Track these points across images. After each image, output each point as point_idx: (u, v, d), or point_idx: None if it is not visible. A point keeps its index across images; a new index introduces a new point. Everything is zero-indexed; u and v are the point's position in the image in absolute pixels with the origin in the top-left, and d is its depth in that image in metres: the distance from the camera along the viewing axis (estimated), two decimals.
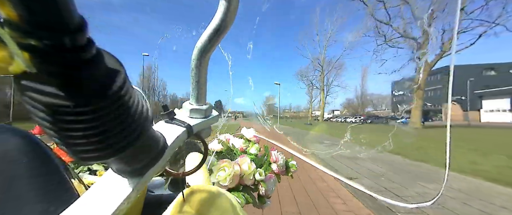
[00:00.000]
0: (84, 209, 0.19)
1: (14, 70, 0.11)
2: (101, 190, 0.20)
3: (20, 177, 0.26)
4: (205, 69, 0.27)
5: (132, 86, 0.16)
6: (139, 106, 0.16)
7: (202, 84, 0.27)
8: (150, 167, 0.20)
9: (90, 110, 0.13)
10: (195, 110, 0.27)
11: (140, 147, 0.18)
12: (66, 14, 0.11)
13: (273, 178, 0.64)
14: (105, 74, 0.14)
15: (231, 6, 0.22)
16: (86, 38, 0.12)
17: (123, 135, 0.15)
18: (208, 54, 0.25)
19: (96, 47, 0.13)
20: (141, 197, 0.42)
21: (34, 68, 0.11)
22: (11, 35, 0.10)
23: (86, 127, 0.13)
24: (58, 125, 0.13)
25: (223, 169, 0.56)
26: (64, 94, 0.12)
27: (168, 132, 0.23)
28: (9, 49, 0.11)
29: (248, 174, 0.59)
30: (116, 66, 0.15)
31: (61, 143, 0.14)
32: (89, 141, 0.14)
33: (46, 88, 0.12)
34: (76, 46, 0.12)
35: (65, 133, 0.13)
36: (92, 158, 0.15)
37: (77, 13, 0.11)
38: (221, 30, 0.23)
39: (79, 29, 0.11)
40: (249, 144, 0.70)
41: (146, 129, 0.17)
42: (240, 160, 0.61)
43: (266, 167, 0.65)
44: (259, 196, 0.63)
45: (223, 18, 0.23)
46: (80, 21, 0.12)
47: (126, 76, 0.15)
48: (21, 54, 0.11)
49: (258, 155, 0.67)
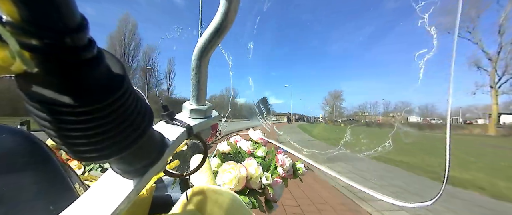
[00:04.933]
0: (84, 209, 0.19)
1: (15, 70, 0.12)
2: (101, 189, 0.20)
3: (20, 176, 0.26)
4: (206, 69, 0.27)
5: (133, 87, 0.16)
6: (139, 107, 0.16)
7: (202, 84, 0.27)
8: (150, 167, 0.20)
9: (90, 110, 0.13)
10: (195, 110, 0.27)
11: (140, 147, 0.18)
12: (67, 14, 0.11)
13: (280, 183, 0.63)
14: (106, 74, 0.14)
15: (231, 6, 0.22)
16: (87, 38, 0.12)
17: (123, 135, 0.15)
18: (208, 55, 0.25)
19: (97, 47, 0.13)
20: (148, 197, 0.42)
21: (35, 68, 0.11)
22: (13, 35, 0.10)
23: (86, 127, 0.13)
24: (58, 125, 0.13)
25: (229, 172, 0.56)
26: (65, 94, 0.12)
27: (168, 132, 0.23)
28: (10, 48, 0.11)
29: (255, 178, 0.58)
30: (117, 66, 0.15)
31: (61, 143, 0.14)
32: (89, 141, 0.14)
33: (46, 88, 0.12)
34: (77, 46, 0.12)
35: (65, 133, 0.13)
36: (92, 158, 0.15)
37: (78, 12, 0.12)
38: (222, 30, 0.23)
39: (80, 28, 0.12)
40: (257, 146, 0.70)
41: (146, 129, 0.17)
42: (247, 162, 0.60)
43: (273, 170, 0.63)
44: (266, 200, 0.62)
45: (224, 18, 0.23)
46: (81, 21, 0.12)
47: (127, 77, 0.15)
48: (22, 54, 0.11)
49: (266, 158, 0.66)
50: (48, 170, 0.29)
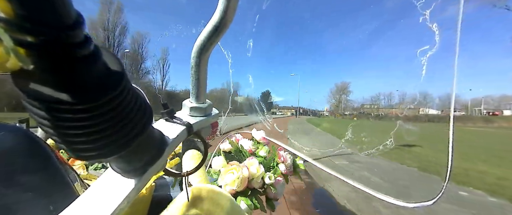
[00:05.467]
0: (84, 208, 0.19)
1: (10, 67, 0.11)
2: (100, 189, 0.20)
3: (20, 175, 0.26)
4: (205, 67, 0.26)
5: (131, 84, 0.16)
6: (138, 104, 0.16)
7: (202, 82, 0.27)
8: (150, 165, 0.20)
9: (88, 107, 0.13)
10: (195, 108, 0.27)
11: (140, 146, 0.18)
12: (62, 10, 0.11)
13: (282, 181, 0.63)
14: (104, 71, 0.14)
15: (230, 3, 0.22)
16: (83, 34, 0.12)
17: (122, 134, 0.15)
18: (207, 52, 0.25)
19: (94, 44, 0.13)
20: (148, 196, 0.42)
21: (30, 65, 0.11)
22: (7, 31, 0.10)
23: (84, 125, 0.13)
24: (56, 123, 0.13)
25: (231, 172, 0.55)
26: (61, 91, 0.12)
27: (168, 130, 0.23)
28: (4, 45, 0.11)
29: (257, 177, 0.58)
30: (115, 63, 0.15)
31: (59, 141, 0.14)
32: (87, 139, 0.14)
33: (43, 85, 0.12)
34: (73, 42, 0.12)
35: (63, 131, 0.13)
36: (91, 157, 0.15)
37: (73, 9, 0.11)
38: (221, 28, 0.23)
39: (75, 25, 0.11)
40: (259, 146, 0.69)
41: (146, 127, 0.17)
42: (248, 162, 0.60)
43: (275, 169, 0.63)
44: (268, 199, 0.62)
45: (223, 15, 0.22)
46: (76, 18, 0.12)
47: (125, 74, 0.15)
48: (17, 50, 0.11)
49: (267, 157, 0.66)
50: (48, 169, 0.29)
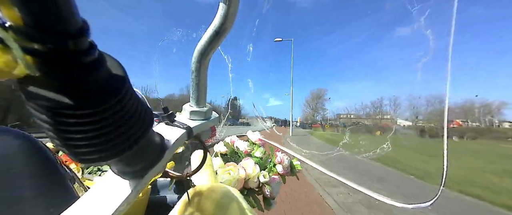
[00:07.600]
0: (83, 211, 0.19)
1: (17, 74, 0.12)
2: (100, 191, 0.20)
3: (21, 178, 0.26)
4: (205, 71, 0.27)
5: (133, 89, 0.16)
6: (139, 109, 0.17)
7: (202, 86, 0.27)
8: (150, 168, 0.21)
9: (91, 112, 0.13)
10: (195, 112, 0.28)
11: (140, 149, 0.18)
12: (69, 18, 0.11)
13: (277, 180, 0.64)
14: (107, 77, 0.14)
15: (231, 8, 0.22)
16: (89, 41, 0.13)
17: (123, 137, 0.16)
18: (208, 57, 0.26)
19: (98, 50, 0.13)
20: (144, 199, 0.42)
21: (37, 72, 0.12)
22: (15, 39, 0.10)
23: (87, 129, 0.14)
24: (59, 127, 0.13)
25: (228, 173, 0.56)
26: (66, 97, 0.12)
27: (168, 134, 0.23)
28: (13, 53, 0.11)
29: (253, 177, 0.59)
30: (118, 69, 0.15)
31: (62, 144, 0.14)
32: (89, 143, 0.14)
33: (48, 92, 0.12)
34: (78, 49, 0.12)
35: (66, 135, 0.13)
36: (92, 159, 0.15)
37: (79, 17, 0.12)
38: (221, 33, 0.24)
39: (81, 33, 0.12)
40: (254, 147, 0.70)
41: (147, 131, 0.18)
42: (244, 162, 0.61)
43: (270, 168, 0.64)
44: (264, 198, 0.63)
45: (223, 21, 0.23)
46: (82, 25, 0.12)
47: (127, 79, 0.15)
48: (25, 58, 0.11)
49: (262, 157, 0.67)
50: (48, 171, 0.29)
